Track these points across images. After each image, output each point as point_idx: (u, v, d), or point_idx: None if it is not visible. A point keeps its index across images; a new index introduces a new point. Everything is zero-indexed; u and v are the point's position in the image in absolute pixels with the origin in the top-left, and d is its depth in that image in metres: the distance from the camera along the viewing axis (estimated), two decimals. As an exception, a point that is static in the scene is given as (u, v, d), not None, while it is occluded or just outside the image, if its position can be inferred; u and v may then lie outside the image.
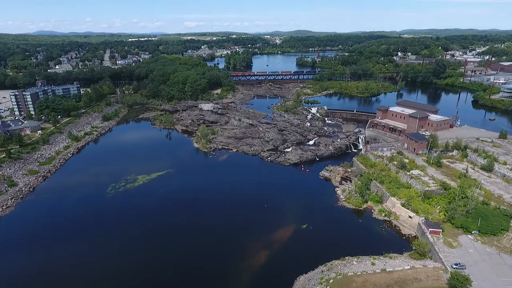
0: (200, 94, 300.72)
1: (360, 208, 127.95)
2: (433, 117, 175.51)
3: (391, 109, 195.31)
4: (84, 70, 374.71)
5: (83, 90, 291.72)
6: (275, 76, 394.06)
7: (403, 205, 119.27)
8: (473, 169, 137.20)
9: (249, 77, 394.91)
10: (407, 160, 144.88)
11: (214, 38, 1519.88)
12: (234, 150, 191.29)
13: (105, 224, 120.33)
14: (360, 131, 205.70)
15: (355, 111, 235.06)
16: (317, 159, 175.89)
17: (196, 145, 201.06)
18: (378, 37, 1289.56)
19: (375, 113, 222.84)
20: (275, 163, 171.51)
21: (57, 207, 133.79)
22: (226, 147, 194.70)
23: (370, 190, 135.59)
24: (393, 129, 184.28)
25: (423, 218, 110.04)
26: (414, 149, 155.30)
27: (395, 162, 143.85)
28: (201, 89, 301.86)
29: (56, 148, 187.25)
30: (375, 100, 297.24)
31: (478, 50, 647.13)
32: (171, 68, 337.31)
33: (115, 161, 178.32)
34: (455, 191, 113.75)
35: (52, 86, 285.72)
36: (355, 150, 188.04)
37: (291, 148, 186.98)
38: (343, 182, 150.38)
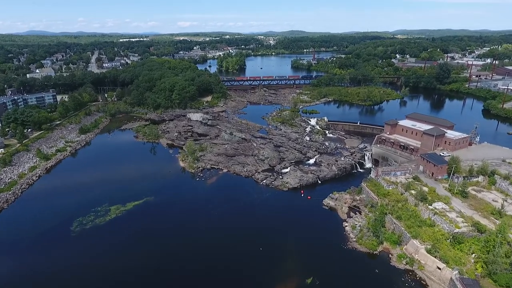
0: (188, 102, 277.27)
1: (374, 252, 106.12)
2: (450, 134, 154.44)
3: (400, 123, 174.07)
4: (65, 75, 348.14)
5: (65, 98, 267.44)
6: (270, 81, 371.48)
7: (428, 251, 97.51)
8: (506, 201, 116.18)
9: (242, 82, 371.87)
10: (426, 189, 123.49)
11: (207, 39, 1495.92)
12: (225, 170, 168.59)
13: (61, 281, 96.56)
14: (366, 147, 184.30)
15: (358, 123, 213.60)
16: (319, 182, 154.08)
17: (182, 163, 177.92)
18: (372, 38, 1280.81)
19: (381, 126, 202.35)
20: (271, 188, 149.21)
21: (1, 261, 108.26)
22: (216, 167, 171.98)
23: (386, 227, 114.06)
24: (404, 147, 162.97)
25: (457, 272, 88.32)
26: (432, 173, 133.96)
27: (413, 192, 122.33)
28: (190, 96, 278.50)
29: (20, 170, 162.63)
30: (378, 109, 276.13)
31: (477, 52, 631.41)
32: (157, 74, 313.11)
33: (87, 186, 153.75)
34: (495, 238, 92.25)
35: (24, 94, 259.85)
36: (361, 170, 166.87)
37: (289, 168, 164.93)
38: (351, 213, 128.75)
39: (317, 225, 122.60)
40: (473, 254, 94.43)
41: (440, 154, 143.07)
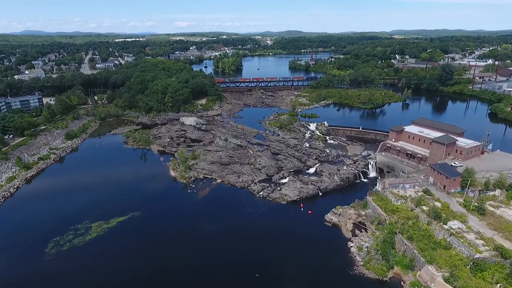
0: (182, 105, 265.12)
1: (384, 278, 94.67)
2: (462, 142, 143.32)
3: (407, 129, 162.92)
4: (54, 76, 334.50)
5: (50, 101, 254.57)
6: (267, 83, 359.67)
7: (446, 279, 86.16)
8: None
9: (238, 84, 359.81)
10: (439, 204, 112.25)
11: (204, 39, 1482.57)
12: (219, 180, 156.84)
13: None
14: (369, 154, 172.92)
15: (360, 128, 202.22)
16: (320, 193, 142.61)
17: (173, 173, 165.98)
18: (369, 38, 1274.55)
19: (385, 132, 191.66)
20: (269, 200, 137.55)
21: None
22: (209, 176, 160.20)
23: (395, 249, 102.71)
24: (411, 155, 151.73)
25: (481, 307, 77.04)
26: (444, 186, 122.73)
27: (424, 208, 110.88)
28: (184, 99, 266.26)
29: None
30: (380, 113, 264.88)
31: (477, 53, 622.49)
32: (150, 75, 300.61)
33: (69, 199, 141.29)
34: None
35: (8, 98, 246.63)
36: (364, 180, 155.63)
37: (287, 178, 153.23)
38: (356, 231, 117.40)
39: (319, 245, 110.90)
40: (498, 285, 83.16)
41: (451, 165, 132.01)
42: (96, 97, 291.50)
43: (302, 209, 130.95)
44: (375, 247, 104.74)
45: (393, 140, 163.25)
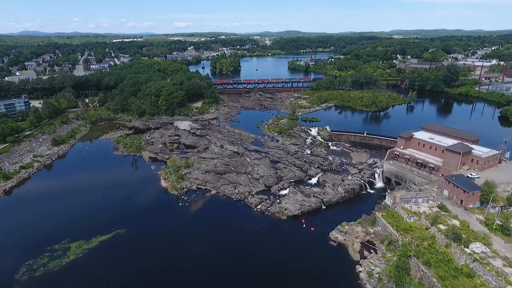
0: (176, 108, 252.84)
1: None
2: (478, 150, 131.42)
3: (416, 135, 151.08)
4: (44, 78, 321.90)
5: (39, 104, 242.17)
6: (266, 84, 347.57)
7: (473, 316, 74.34)
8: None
9: (235, 85, 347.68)
10: (457, 223, 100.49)
11: (202, 39, 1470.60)
12: (213, 191, 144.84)
13: None
14: (376, 162, 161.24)
15: (365, 134, 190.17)
16: (324, 207, 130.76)
17: (164, 183, 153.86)
18: (369, 38, 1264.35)
19: (391, 137, 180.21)
20: (267, 215, 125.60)
21: None
22: (203, 187, 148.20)
23: (411, 275, 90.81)
24: (421, 164, 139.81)
25: None
26: (461, 201, 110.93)
27: (441, 227, 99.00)
28: (178, 102, 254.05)
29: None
30: (384, 116, 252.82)
31: (480, 53, 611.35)
32: (143, 77, 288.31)
33: (48, 213, 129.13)
34: None
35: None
36: (371, 191, 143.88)
37: (288, 189, 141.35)
38: (364, 251, 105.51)
39: (323, 270, 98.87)
40: (535, 324, 71.28)
41: (468, 176, 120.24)
42: (87, 100, 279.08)
43: (304, 225, 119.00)
44: (387, 273, 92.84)
45: (402, 147, 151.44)
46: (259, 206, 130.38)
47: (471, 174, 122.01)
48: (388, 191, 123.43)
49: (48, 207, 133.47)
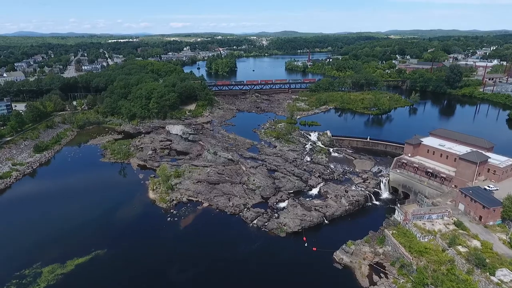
0: (168, 111, 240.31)
1: None
2: (495, 159, 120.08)
3: (425, 142, 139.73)
4: (30, 80, 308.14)
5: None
6: (263, 86, 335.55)
7: None
8: None
9: (231, 87, 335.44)
10: (478, 244, 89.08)
11: (199, 39, 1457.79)
12: (205, 204, 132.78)
13: None
14: (381, 171, 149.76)
15: (368, 139, 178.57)
16: (326, 222, 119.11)
17: (152, 194, 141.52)
18: (366, 38, 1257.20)
19: (396, 143, 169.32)
20: (264, 231, 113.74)
21: None
22: (194, 199, 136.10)
23: (428, 307, 79.24)
24: (432, 174, 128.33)
25: None
26: (480, 217, 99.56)
27: (461, 249, 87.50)
28: (170, 105, 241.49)
29: None
30: (386, 119, 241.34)
31: (480, 53, 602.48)
32: (134, 78, 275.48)
33: (21, 232, 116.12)
34: None
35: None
36: (376, 203, 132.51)
37: (286, 202, 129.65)
38: (373, 274, 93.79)
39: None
40: None
41: (485, 188, 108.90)
42: (75, 103, 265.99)
43: (305, 244, 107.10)
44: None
45: (409, 155, 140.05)
46: (255, 221, 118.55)
47: (489, 186, 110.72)
48: (398, 205, 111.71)
49: (20, 224, 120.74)
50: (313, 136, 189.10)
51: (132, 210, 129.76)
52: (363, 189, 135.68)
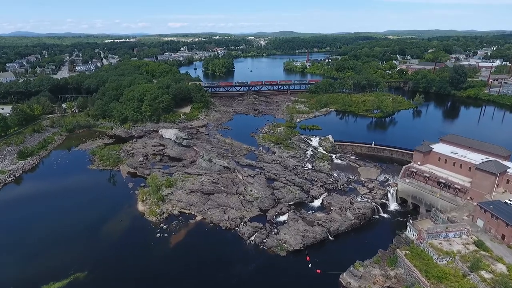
0: (162, 114, 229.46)
1: None
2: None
3: (436, 149, 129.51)
4: (18, 82, 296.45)
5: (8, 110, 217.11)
6: (260, 87, 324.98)
7: None
8: None
9: (228, 88, 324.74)
10: (504, 269, 78.95)
11: (196, 39, 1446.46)
12: (198, 217, 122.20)
13: None
14: (388, 180, 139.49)
15: (373, 144, 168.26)
16: (331, 238, 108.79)
17: (141, 206, 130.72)
18: (364, 39, 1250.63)
19: (403, 149, 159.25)
20: (263, 249, 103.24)
21: None
22: (187, 211, 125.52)
23: None
24: (444, 185, 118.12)
25: None
26: (503, 236, 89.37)
27: (484, 275, 77.26)
28: (164, 107, 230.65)
29: None
30: (390, 122, 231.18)
31: (481, 53, 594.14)
32: (127, 79, 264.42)
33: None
34: None
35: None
36: (384, 215, 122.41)
37: (287, 215, 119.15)
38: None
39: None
40: None
41: (506, 202, 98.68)
42: (64, 105, 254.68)
43: (309, 265, 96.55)
44: None
45: (419, 163, 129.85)
46: (252, 238, 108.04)
47: (510, 200, 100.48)
48: (410, 221, 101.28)
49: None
50: (314, 141, 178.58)
51: (119, 225, 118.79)
52: (369, 200, 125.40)
